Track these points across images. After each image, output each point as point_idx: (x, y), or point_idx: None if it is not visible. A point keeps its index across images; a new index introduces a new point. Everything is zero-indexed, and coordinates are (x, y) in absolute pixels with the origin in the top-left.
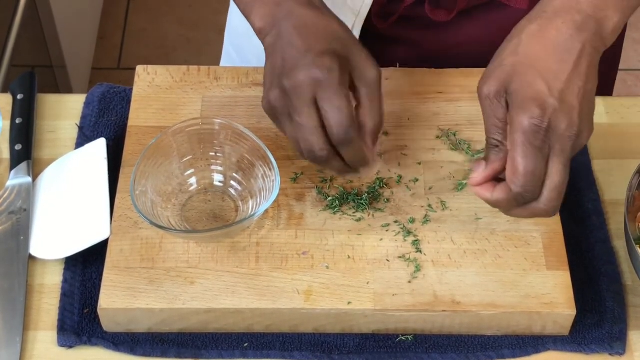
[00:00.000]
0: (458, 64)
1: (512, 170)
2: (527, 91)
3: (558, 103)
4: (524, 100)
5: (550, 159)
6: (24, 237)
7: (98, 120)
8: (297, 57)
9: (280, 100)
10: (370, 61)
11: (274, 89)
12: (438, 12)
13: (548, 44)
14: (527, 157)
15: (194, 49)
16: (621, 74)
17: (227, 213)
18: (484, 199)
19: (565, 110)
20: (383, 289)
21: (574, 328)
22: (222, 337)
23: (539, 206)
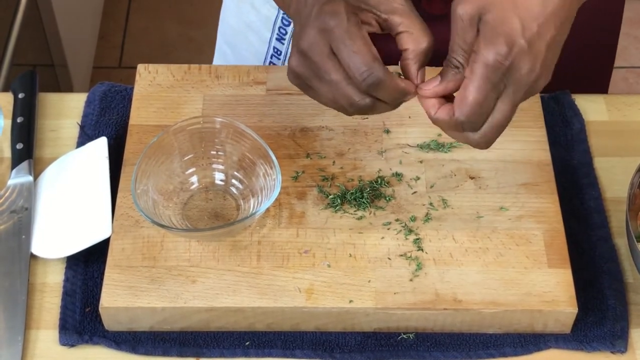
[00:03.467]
0: None
1: (461, 97)
2: (500, 26)
3: (527, 45)
4: (495, 34)
5: (500, 98)
6: (25, 236)
7: (99, 119)
8: (306, 16)
9: (303, 65)
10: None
11: (294, 56)
12: (434, 4)
13: None
14: (480, 90)
15: (195, 47)
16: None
17: (229, 212)
18: (427, 113)
19: (531, 54)
20: (384, 287)
21: (575, 326)
22: (224, 336)
23: (474, 137)
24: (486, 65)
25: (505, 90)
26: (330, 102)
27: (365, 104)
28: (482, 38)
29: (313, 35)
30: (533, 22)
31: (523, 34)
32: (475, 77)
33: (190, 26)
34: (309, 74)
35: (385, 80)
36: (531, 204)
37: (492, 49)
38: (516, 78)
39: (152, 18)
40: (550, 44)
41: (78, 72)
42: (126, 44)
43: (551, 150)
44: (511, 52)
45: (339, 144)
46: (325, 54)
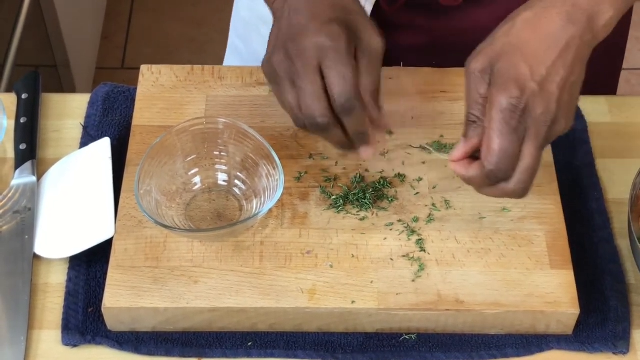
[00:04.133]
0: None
1: (486, 147)
2: (510, 72)
3: (538, 87)
4: (506, 80)
5: (524, 142)
6: (28, 236)
7: (102, 119)
8: (304, 23)
9: (283, 64)
10: (375, 32)
11: (278, 52)
12: None
13: (539, 31)
14: (502, 136)
15: (198, 48)
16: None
17: (231, 212)
18: (459, 175)
19: (544, 95)
20: (387, 288)
21: (577, 327)
22: (226, 336)
23: (508, 186)
24: (502, 110)
25: (527, 134)
26: (290, 105)
27: (322, 122)
28: (494, 86)
29: (308, 46)
30: (541, 65)
31: (533, 77)
32: (495, 124)
33: (193, 27)
34: (285, 75)
35: (359, 111)
36: (533, 205)
37: (505, 94)
38: (534, 119)
39: (154, 19)
40: (562, 85)
41: (81, 73)
42: (129, 45)
43: (554, 152)
44: (523, 94)
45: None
46: (311, 66)
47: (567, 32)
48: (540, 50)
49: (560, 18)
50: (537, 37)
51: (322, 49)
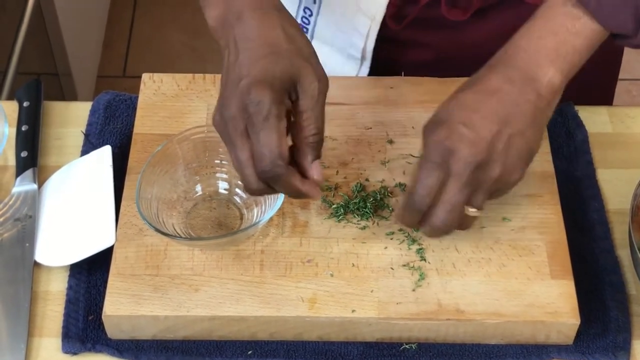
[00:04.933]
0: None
1: (411, 181)
2: (444, 116)
3: (466, 130)
4: (438, 123)
5: (447, 180)
6: (29, 244)
7: (104, 127)
8: (235, 83)
9: (221, 126)
10: (314, 73)
11: (217, 114)
12: (454, 11)
13: (478, 89)
14: (423, 170)
15: (199, 57)
16: (625, 84)
17: (232, 221)
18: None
19: (471, 138)
20: (387, 297)
21: (578, 337)
22: (226, 345)
23: (433, 220)
24: (428, 147)
25: (450, 173)
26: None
27: (258, 188)
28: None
29: (234, 110)
30: (473, 113)
31: (462, 121)
32: (421, 161)
33: (194, 36)
34: (224, 137)
35: (284, 177)
36: (534, 215)
37: (433, 134)
38: (457, 158)
39: (156, 27)
40: (495, 133)
41: (82, 81)
42: (130, 53)
43: (554, 162)
44: (449, 135)
45: (342, 154)
46: (239, 132)
47: (505, 90)
48: (475, 103)
49: (498, 78)
50: (474, 94)
51: (246, 113)
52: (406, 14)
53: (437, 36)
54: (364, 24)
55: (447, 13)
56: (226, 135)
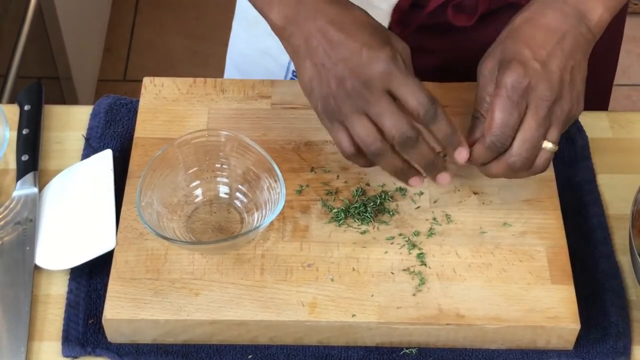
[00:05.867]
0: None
1: (489, 122)
2: (514, 55)
3: (540, 67)
4: (510, 61)
5: (525, 116)
6: (29, 248)
7: (104, 131)
8: (354, 55)
9: (348, 100)
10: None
11: (335, 92)
12: (460, 17)
13: (537, 24)
14: (503, 110)
15: (200, 61)
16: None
17: (233, 225)
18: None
19: (546, 74)
20: (387, 302)
21: (578, 342)
22: (227, 349)
23: (510, 158)
24: (505, 88)
25: (527, 108)
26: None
27: (412, 135)
28: (500, 71)
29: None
30: (541, 49)
31: (535, 57)
32: (497, 100)
33: (195, 40)
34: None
35: (442, 115)
36: (534, 220)
37: (509, 73)
38: (535, 96)
39: (157, 31)
40: (563, 67)
41: (83, 85)
42: (131, 57)
43: (555, 167)
44: (526, 72)
45: (343, 158)
46: (381, 92)
47: (563, 24)
48: (540, 37)
49: (555, 13)
50: (535, 29)
51: (386, 74)
52: (412, 20)
53: (442, 42)
54: None
55: (453, 19)
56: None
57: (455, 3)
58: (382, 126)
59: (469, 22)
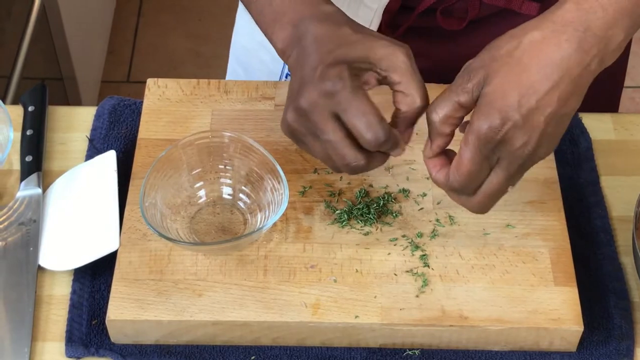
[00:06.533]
0: None
1: (456, 164)
2: (498, 99)
3: (521, 120)
4: (490, 107)
5: (495, 168)
6: (33, 248)
7: (108, 132)
8: (308, 75)
9: (299, 121)
10: (391, 47)
11: (291, 111)
12: (449, 21)
13: (543, 56)
14: (472, 161)
15: (203, 62)
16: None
17: (236, 226)
18: (428, 172)
19: (527, 128)
20: (390, 303)
21: (581, 344)
22: (229, 350)
23: (469, 202)
24: (478, 137)
25: (499, 162)
26: (322, 158)
27: (359, 165)
28: (478, 109)
29: (315, 97)
30: (532, 97)
31: (519, 109)
32: (468, 148)
33: (198, 41)
34: (305, 131)
35: (392, 136)
36: (538, 221)
37: (485, 122)
38: (509, 151)
39: (160, 33)
40: (551, 118)
41: (87, 86)
42: (135, 59)
43: (558, 169)
44: (504, 126)
45: None
46: (326, 116)
47: (573, 61)
48: (538, 78)
49: (570, 45)
50: (538, 63)
51: (329, 95)
52: (402, 23)
53: (433, 45)
54: None
55: (443, 22)
56: (309, 127)
57: (444, 7)
58: (329, 152)
59: (459, 26)
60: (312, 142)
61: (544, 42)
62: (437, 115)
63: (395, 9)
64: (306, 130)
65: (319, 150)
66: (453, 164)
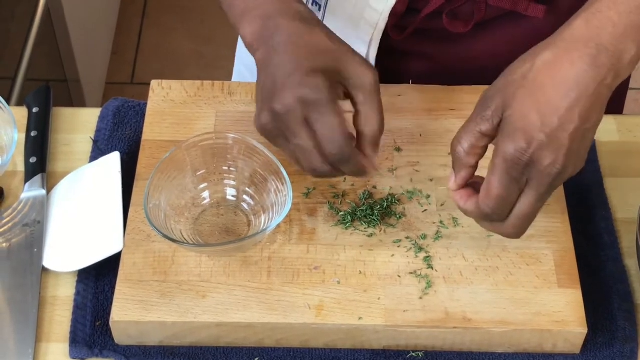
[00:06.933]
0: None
1: (485, 190)
2: (519, 121)
3: (546, 139)
4: (514, 129)
5: (525, 190)
6: (37, 250)
7: (112, 134)
8: (285, 78)
9: (273, 123)
10: (364, 67)
11: (265, 112)
12: (455, 23)
13: (557, 75)
14: (502, 185)
15: (207, 64)
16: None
17: (240, 227)
18: (456, 204)
19: (553, 147)
20: (394, 305)
21: (585, 346)
22: (233, 351)
23: (504, 228)
24: (505, 160)
25: (528, 183)
26: (292, 160)
27: (324, 171)
28: (502, 133)
29: (291, 102)
30: (553, 115)
31: (542, 129)
32: (497, 172)
33: (202, 43)
34: (278, 132)
35: (353, 157)
36: (542, 223)
37: (510, 145)
38: (537, 171)
39: (164, 34)
40: (575, 134)
41: (91, 88)
42: (139, 60)
43: None
44: (530, 146)
45: None
46: (299, 122)
47: (588, 78)
48: (556, 97)
49: (583, 62)
50: (554, 82)
51: (305, 102)
52: (408, 25)
53: (439, 48)
54: (367, 32)
55: (449, 25)
56: (282, 129)
57: (450, 10)
58: (298, 158)
59: (464, 28)
60: (285, 144)
61: (556, 61)
62: (462, 147)
63: (402, 11)
64: (278, 132)
65: (289, 151)
66: (482, 191)
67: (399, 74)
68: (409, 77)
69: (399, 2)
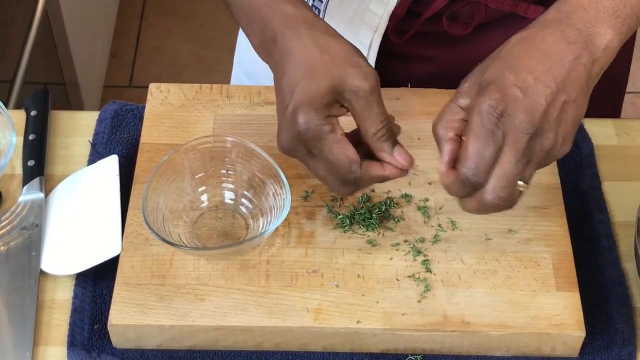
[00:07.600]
0: None
1: (463, 152)
2: (494, 79)
3: (521, 94)
4: (487, 84)
5: (502, 148)
6: (35, 253)
7: (111, 137)
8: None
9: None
10: (357, 75)
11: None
12: (456, 26)
13: (532, 48)
14: (478, 139)
15: (206, 67)
16: (631, 97)
17: (238, 231)
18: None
19: (527, 104)
20: (393, 309)
21: (583, 350)
22: (232, 355)
23: (485, 196)
24: (480, 112)
25: (505, 140)
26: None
27: (348, 192)
28: (477, 94)
29: (290, 141)
30: (528, 75)
31: (516, 84)
32: (472, 127)
33: (201, 46)
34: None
35: (365, 178)
36: (540, 227)
37: (484, 97)
38: (512, 125)
39: (163, 38)
40: (552, 100)
41: (89, 91)
42: (137, 64)
43: (560, 174)
44: (503, 98)
45: None
46: (304, 155)
47: (560, 51)
48: (531, 63)
49: (555, 37)
50: (527, 52)
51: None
52: (408, 28)
53: (439, 50)
54: (367, 36)
55: (449, 28)
56: (297, 158)
57: (450, 13)
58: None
59: (465, 31)
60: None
61: (529, 37)
62: (440, 120)
63: (402, 15)
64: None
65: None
66: (460, 155)
67: (399, 77)
68: (409, 80)
69: (399, 6)
